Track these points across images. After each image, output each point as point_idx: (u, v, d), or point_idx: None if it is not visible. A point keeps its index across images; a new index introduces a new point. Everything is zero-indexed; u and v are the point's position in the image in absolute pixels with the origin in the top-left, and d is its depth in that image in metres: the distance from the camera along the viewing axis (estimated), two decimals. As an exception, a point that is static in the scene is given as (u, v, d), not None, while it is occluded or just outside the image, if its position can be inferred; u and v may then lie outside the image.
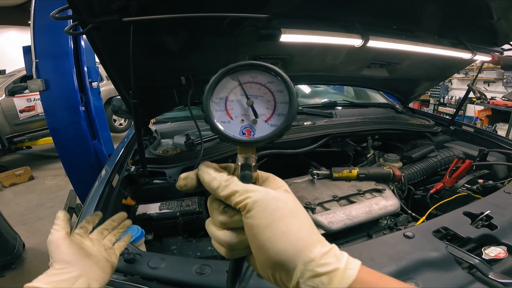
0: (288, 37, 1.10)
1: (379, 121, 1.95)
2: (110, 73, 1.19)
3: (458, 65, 2.06)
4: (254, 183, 0.43)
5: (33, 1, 2.55)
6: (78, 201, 3.18)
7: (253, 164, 0.44)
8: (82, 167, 3.02)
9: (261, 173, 0.45)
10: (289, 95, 0.42)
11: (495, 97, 6.42)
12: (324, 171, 1.53)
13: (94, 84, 3.44)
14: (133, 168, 1.31)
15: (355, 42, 1.25)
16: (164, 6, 0.99)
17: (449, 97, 7.93)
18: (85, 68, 3.10)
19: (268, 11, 1.08)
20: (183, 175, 0.45)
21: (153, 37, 1.13)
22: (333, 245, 0.40)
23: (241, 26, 1.12)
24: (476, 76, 2.25)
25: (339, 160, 1.86)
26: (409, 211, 1.47)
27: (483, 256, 0.84)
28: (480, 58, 1.69)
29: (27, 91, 5.33)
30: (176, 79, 1.31)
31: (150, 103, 1.36)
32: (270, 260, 0.37)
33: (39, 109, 5.45)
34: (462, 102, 2.19)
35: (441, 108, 8.05)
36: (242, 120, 0.43)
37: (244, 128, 0.43)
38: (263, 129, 0.42)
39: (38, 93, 2.78)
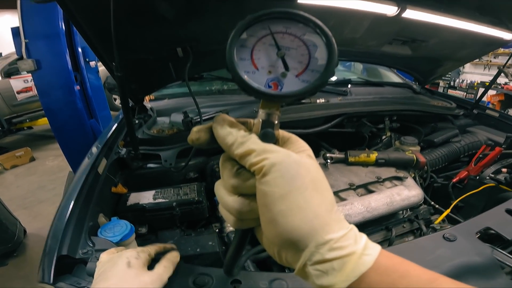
0: (307, -2, 0.91)
1: (398, 102, 1.78)
2: (93, 45, 1.02)
3: (490, 46, 1.86)
4: (275, 143, 0.37)
5: None
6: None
7: (276, 122, 0.38)
8: (79, 147, 2.94)
9: (283, 133, 0.39)
10: (329, 50, 0.36)
11: (509, 82, 6.23)
12: (338, 155, 1.38)
13: (92, 63, 3.33)
14: (123, 150, 1.16)
15: (389, 10, 1.06)
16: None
17: (460, 81, 7.77)
18: (79, 48, 3.01)
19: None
20: (196, 127, 0.39)
21: (144, 1, 0.95)
22: (352, 225, 0.34)
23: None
24: (509, 58, 2.05)
25: (351, 142, 1.71)
26: (432, 203, 1.33)
27: None
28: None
29: (24, 72, 5.30)
30: (172, 50, 1.14)
31: (143, 78, 1.19)
32: (279, 236, 0.33)
33: (36, 89, 5.46)
34: (491, 85, 2.00)
35: (451, 91, 7.89)
36: (270, 71, 0.38)
37: (271, 81, 0.38)
38: (292, 84, 0.37)
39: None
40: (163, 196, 1.07)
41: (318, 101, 1.58)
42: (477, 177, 1.41)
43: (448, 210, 1.24)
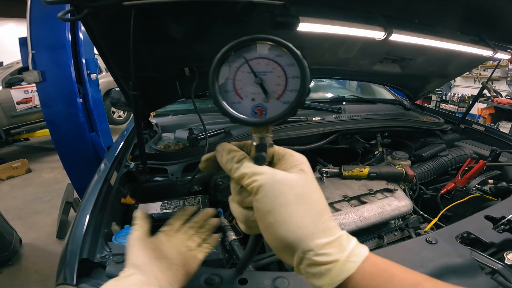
0: (306, 27, 1.01)
1: (389, 118, 1.88)
2: (109, 63, 1.10)
3: (474, 62, 2.00)
4: (271, 161, 0.44)
5: None
6: (75, 195, 3.12)
7: (269, 143, 0.42)
8: (79, 160, 2.98)
9: (278, 150, 0.44)
10: (299, 68, 0.39)
11: (496, 95, 6.30)
12: (332, 169, 1.46)
13: (93, 76, 3.39)
14: (132, 164, 1.23)
15: (377, 34, 1.17)
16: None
17: (452, 94, 7.96)
18: (83, 60, 3.04)
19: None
20: (204, 157, 0.47)
21: (155, 23, 1.04)
22: (341, 233, 0.38)
23: (254, 13, 1.03)
24: (491, 74, 2.18)
25: (346, 157, 1.80)
26: (421, 212, 1.41)
27: (505, 262, 0.81)
28: (501, 56, 1.62)
29: (24, 83, 5.31)
30: (179, 70, 1.23)
31: (151, 95, 1.27)
32: (273, 243, 0.39)
33: (37, 101, 5.42)
34: (475, 101, 2.12)
35: (443, 105, 8.06)
36: (253, 99, 0.41)
37: (256, 107, 0.41)
38: (275, 107, 0.41)
39: (35, 85, 2.74)
40: (169, 206, 1.13)
41: (314, 119, 1.67)
42: (464, 188, 1.49)
43: (436, 219, 1.32)
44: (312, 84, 2.64)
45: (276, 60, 0.40)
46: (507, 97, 5.98)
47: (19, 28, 10.05)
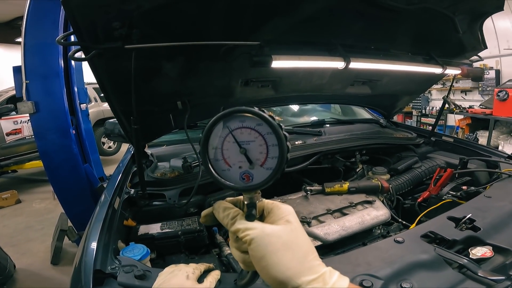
0: (278, 63, 1.19)
1: (366, 137, 2.05)
2: (109, 98, 1.23)
3: (432, 79, 2.21)
4: (262, 215, 0.52)
5: (24, 19, 2.51)
6: (69, 223, 3.13)
7: (258, 201, 0.49)
8: (73, 190, 2.97)
9: (267, 204, 0.53)
10: (276, 137, 0.44)
11: (473, 105, 6.56)
12: (316, 187, 1.60)
13: (83, 106, 3.39)
14: (132, 191, 1.35)
15: (338, 64, 1.35)
16: (164, 34, 1.06)
17: (430, 108, 8.12)
18: (75, 89, 3.06)
19: (259, 37, 1.17)
20: (203, 213, 0.56)
21: (152, 62, 1.19)
22: (325, 270, 0.46)
23: (235, 53, 1.20)
24: (450, 88, 2.41)
25: (330, 176, 1.93)
26: (400, 220, 1.54)
27: (470, 256, 0.90)
28: (450, 71, 1.82)
29: (13, 113, 5.21)
30: (172, 103, 1.37)
31: (146, 128, 1.40)
32: (268, 280, 0.47)
33: (26, 132, 5.35)
34: (440, 114, 2.32)
35: (423, 119, 8.26)
36: (240, 166, 0.46)
37: (243, 174, 0.46)
38: (260, 174, 0.46)
39: (25, 115, 2.66)
40: (169, 227, 1.24)
41: (296, 143, 1.81)
42: (437, 195, 1.64)
43: (414, 225, 1.44)
44: (297, 108, 2.82)
45: (257, 130, 0.44)
46: (480, 106, 6.22)
47: (6, 54, 9.85)
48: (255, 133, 0.45)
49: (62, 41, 1.03)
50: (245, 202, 0.49)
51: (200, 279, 0.67)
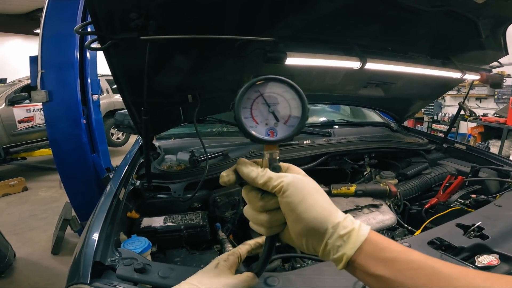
0: (292, 60, 1.17)
1: (375, 140, 2.01)
2: (122, 88, 1.23)
3: (449, 84, 2.16)
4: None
5: (44, 11, 2.59)
6: (73, 213, 3.17)
7: (278, 157, 0.53)
8: (79, 179, 3.02)
9: (282, 164, 0.55)
10: (301, 102, 0.52)
11: (487, 113, 6.46)
12: (323, 188, 1.58)
13: (95, 96, 3.45)
14: (138, 182, 1.35)
15: (354, 64, 1.33)
16: (179, 26, 1.06)
17: (443, 114, 8.02)
18: (89, 80, 3.11)
19: (274, 34, 1.15)
20: (224, 172, 0.54)
21: (165, 54, 1.19)
22: (348, 214, 0.50)
23: (249, 48, 1.18)
24: (467, 94, 2.36)
25: (337, 177, 1.91)
26: (405, 225, 1.51)
27: (476, 264, 0.89)
28: (469, 77, 1.78)
29: (27, 101, 5.35)
30: (183, 96, 1.37)
31: (156, 120, 1.40)
32: (305, 228, 0.48)
33: (38, 120, 5.47)
34: (454, 121, 2.28)
35: (435, 125, 8.16)
36: (266, 123, 0.53)
37: (269, 130, 0.53)
38: (283, 130, 0.53)
39: (38, 104, 2.74)
40: (171, 220, 1.23)
41: (305, 142, 1.78)
42: (445, 202, 1.61)
43: (419, 231, 1.41)
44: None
45: (283, 95, 0.52)
46: (495, 115, 6.09)
47: (25, 45, 10.17)
48: (281, 97, 0.52)
49: (80, 30, 1.04)
50: (267, 158, 0.53)
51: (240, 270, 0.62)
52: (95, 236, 0.92)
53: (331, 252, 0.47)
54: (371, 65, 1.37)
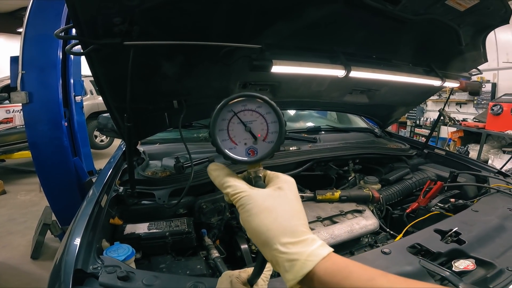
0: (278, 68, 1.19)
1: (360, 146, 2.05)
2: (104, 93, 1.20)
3: (430, 91, 2.23)
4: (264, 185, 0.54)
5: (28, 10, 2.51)
6: (53, 217, 3.08)
7: (261, 174, 0.54)
8: (60, 184, 2.91)
9: (269, 174, 0.55)
10: (276, 116, 0.52)
11: (467, 118, 6.67)
12: (308, 194, 1.60)
13: (78, 98, 3.39)
14: (121, 188, 1.32)
15: (339, 73, 1.36)
16: (165, 32, 1.05)
17: (425, 119, 8.24)
18: (72, 81, 3.04)
19: (261, 41, 1.16)
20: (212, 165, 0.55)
21: (150, 60, 1.17)
22: (307, 237, 0.46)
23: (235, 56, 1.19)
24: (447, 101, 2.44)
25: (322, 183, 1.93)
26: (388, 230, 1.55)
27: (453, 269, 0.93)
28: (449, 84, 1.84)
29: (7, 102, 5.16)
30: (169, 102, 1.35)
31: (140, 125, 1.37)
32: (254, 242, 0.50)
33: (18, 121, 5.30)
34: (434, 127, 2.36)
35: (417, 130, 8.38)
36: (245, 143, 0.53)
37: (249, 149, 0.53)
38: (263, 147, 0.53)
39: (18, 104, 2.64)
40: (156, 227, 1.21)
41: (291, 148, 1.80)
42: (426, 207, 1.66)
43: (401, 235, 1.45)
44: (293, 113, 2.82)
45: (257, 111, 0.52)
46: (474, 120, 6.31)
47: (7, 44, 9.75)
48: (256, 114, 0.52)
49: (60, 34, 1.01)
50: (251, 176, 0.53)
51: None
52: (77, 242, 0.90)
53: (281, 272, 0.46)
54: (355, 73, 1.40)
